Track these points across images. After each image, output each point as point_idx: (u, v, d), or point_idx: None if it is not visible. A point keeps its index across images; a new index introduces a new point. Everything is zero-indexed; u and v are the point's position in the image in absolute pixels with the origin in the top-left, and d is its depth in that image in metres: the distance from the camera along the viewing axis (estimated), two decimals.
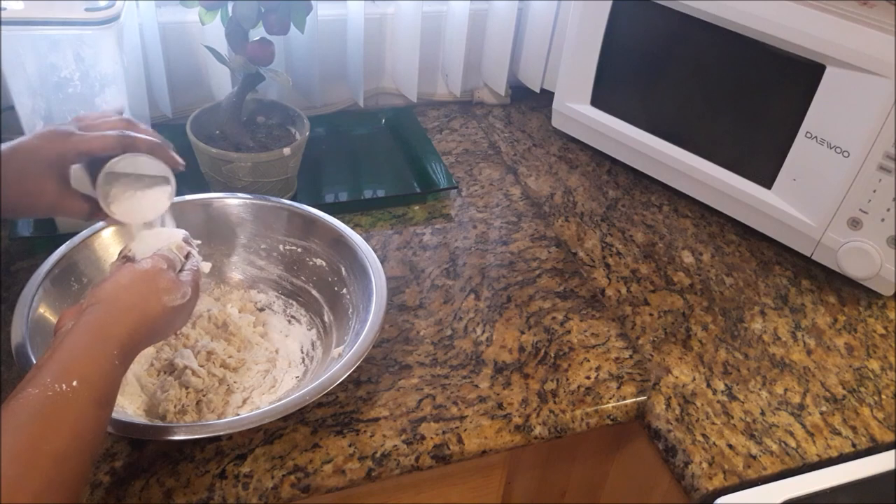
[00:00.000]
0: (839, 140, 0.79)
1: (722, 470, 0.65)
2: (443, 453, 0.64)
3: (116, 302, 0.51)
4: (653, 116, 0.95)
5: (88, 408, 0.45)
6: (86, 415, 0.45)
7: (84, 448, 0.44)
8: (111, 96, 0.72)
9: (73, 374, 0.45)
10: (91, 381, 0.46)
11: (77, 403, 0.45)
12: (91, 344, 0.48)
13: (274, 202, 0.76)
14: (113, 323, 0.50)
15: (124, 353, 0.49)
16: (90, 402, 0.45)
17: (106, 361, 0.48)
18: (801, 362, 0.77)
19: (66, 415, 0.44)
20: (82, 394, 0.45)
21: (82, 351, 0.47)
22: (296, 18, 0.78)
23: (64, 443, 0.43)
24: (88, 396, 0.45)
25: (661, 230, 0.94)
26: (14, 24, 0.66)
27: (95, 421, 0.46)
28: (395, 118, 1.08)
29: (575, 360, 0.74)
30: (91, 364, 0.47)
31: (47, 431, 0.43)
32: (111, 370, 0.48)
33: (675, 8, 0.86)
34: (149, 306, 0.52)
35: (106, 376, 0.47)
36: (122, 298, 0.51)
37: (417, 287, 0.80)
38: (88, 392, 0.45)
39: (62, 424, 0.43)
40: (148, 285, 0.53)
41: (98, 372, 0.47)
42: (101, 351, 0.48)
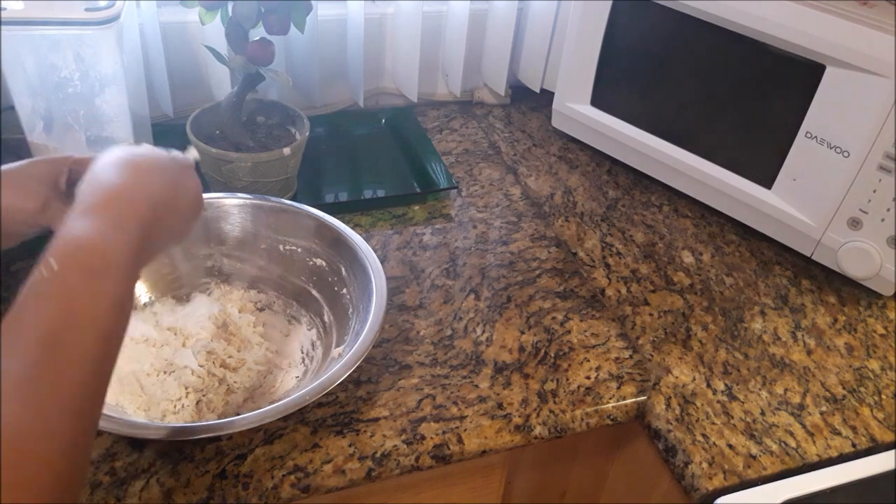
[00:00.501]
0: (839, 140, 0.79)
1: (722, 470, 0.65)
2: (443, 453, 0.64)
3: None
4: (653, 116, 0.95)
5: (74, 275, 0.41)
6: (74, 285, 0.41)
7: (79, 327, 0.40)
8: (111, 96, 0.72)
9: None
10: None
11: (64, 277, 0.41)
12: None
13: (274, 202, 0.76)
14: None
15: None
16: (79, 271, 0.41)
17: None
18: (801, 362, 0.77)
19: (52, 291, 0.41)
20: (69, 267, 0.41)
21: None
22: (296, 18, 0.78)
23: (55, 324, 0.39)
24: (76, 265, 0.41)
25: (661, 230, 0.94)
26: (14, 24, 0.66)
27: (87, 293, 0.41)
28: (395, 118, 1.08)
29: (575, 360, 0.74)
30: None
31: (38, 310, 0.40)
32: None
33: (675, 8, 0.86)
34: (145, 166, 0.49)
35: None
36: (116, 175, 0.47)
37: (417, 287, 0.80)
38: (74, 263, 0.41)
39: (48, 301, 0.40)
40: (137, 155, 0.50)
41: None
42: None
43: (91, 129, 0.73)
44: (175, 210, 0.51)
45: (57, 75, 0.69)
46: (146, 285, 0.73)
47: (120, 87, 0.72)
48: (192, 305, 0.73)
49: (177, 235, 0.53)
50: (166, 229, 0.50)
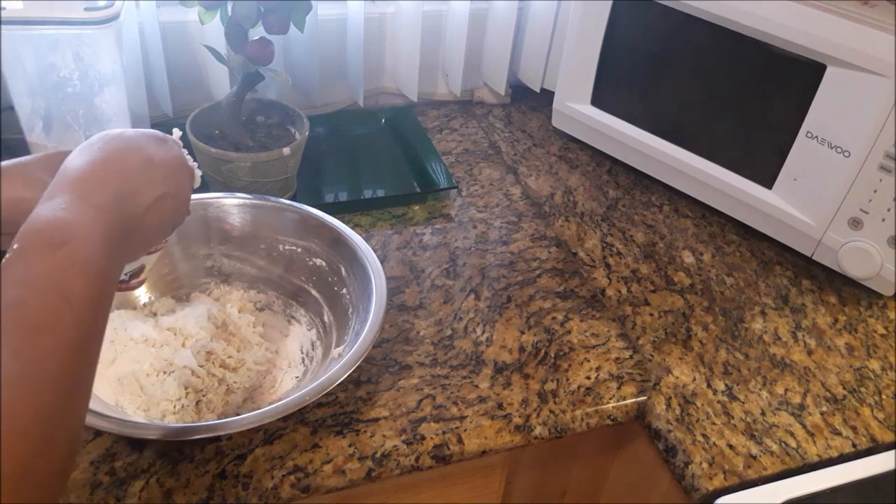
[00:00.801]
0: (840, 140, 0.79)
1: (722, 470, 0.65)
2: (443, 453, 0.64)
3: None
4: (653, 116, 0.95)
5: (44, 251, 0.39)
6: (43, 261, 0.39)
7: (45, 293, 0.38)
8: (111, 96, 0.72)
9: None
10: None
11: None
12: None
13: (274, 202, 0.76)
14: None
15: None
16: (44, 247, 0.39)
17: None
18: (801, 362, 0.77)
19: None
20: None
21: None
22: (296, 18, 0.78)
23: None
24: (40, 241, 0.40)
25: (662, 230, 0.94)
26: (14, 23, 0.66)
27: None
28: (395, 118, 1.08)
29: (575, 360, 0.74)
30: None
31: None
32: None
33: (675, 8, 0.86)
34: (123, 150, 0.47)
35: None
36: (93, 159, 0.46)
37: (417, 287, 0.80)
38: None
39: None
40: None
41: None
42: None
43: (90, 129, 0.73)
44: (152, 181, 0.48)
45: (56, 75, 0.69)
46: (146, 285, 0.72)
47: (119, 87, 0.72)
48: (191, 305, 0.73)
49: (168, 212, 0.50)
50: (149, 201, 0.48)
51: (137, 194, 0.47)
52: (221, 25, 0.78)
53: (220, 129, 0.84)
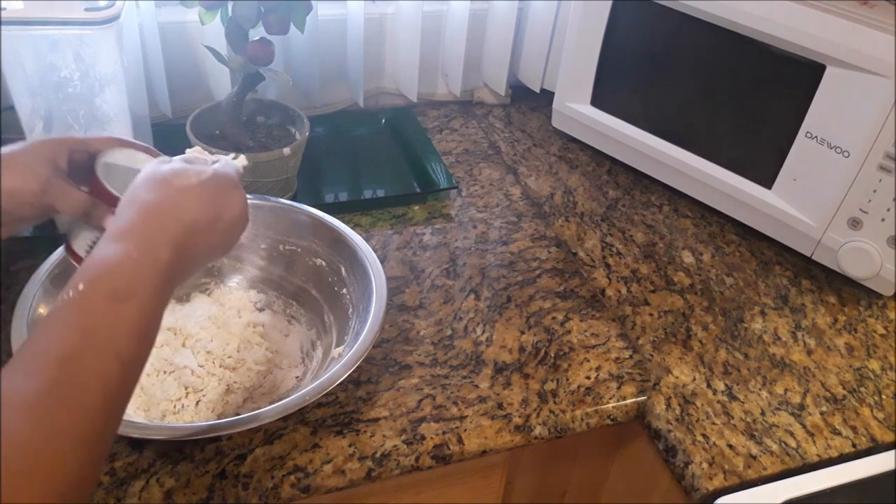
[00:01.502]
0: (839, 140, 0.79)
1: (722, 470, 0.65)
2: (443, 453, 0.64)
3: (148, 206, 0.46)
4: (653, 116, 0.95)
5: (101, 303, 0.41)
6: (102, 314, 0.41)
7: (101, 348, 0.39)
8: (111, 96, 0.72)
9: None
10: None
11: (92, 303, 0.40)
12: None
13: (274, 202, 0.76)
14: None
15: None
16: (106, 298, 0.41)
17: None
18: (801, 362, 0.77)
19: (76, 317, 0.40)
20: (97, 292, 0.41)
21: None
22: (296, 18, 0.78)
23: (75, 348, 0.39)
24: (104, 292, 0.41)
25: (662, 230, 0.94)
26: (14, 24, 0.66)
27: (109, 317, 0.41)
28: (395, 118, 1.08)
29: (575, 360, 0.74)
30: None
31: (58, 333, 0.39)
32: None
33: (675, 8, 0.86)
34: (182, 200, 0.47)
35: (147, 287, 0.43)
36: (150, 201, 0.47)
37: (417, 287, 0.80)
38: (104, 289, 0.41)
39: (71, 325, 0.40)
40: (171, 180, 0.48)
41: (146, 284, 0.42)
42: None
43: (91, 129, 0.73)
44: (214, 229, 0.49)
45: (57, 75, 0.69)
46: None
47: (120, 87, 0.72)
48: (191, 305, 0.73)
49: (218, 252, 0.52)
50: (204, 249, 0.49)
51: (198, 244, 0.48)
52: (221, 25, 0.78)
53: (220, 129, 0.84)
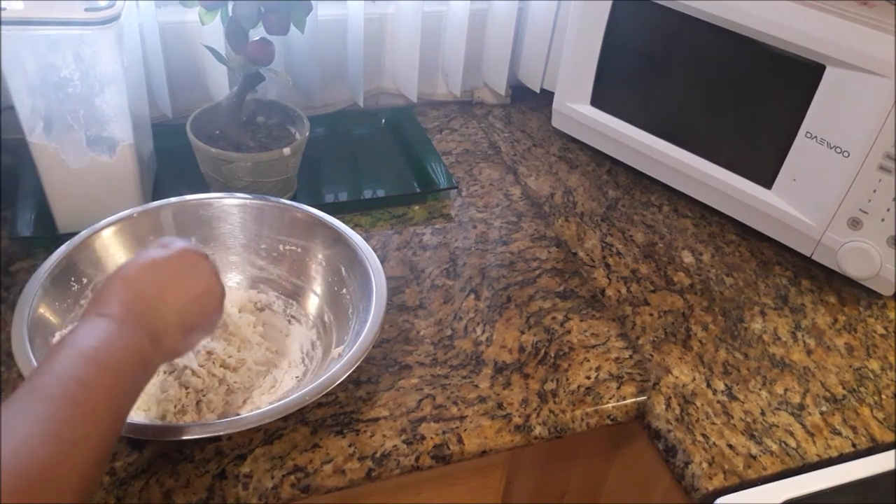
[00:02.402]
0: (839, 140, 0.79)
1: (722, 470, 0.65)
2: (443, 453, 0.64)
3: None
4: (653, 116, 0.95)
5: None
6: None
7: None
8: (111, 96, 0.72)
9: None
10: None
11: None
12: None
13: (274, 202, 0.76)
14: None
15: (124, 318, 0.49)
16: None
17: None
18: (801, 362, 0.77)
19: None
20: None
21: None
22: (296, 18, 0.78)
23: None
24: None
25: (661, 230, 0.94)
26: (14, 24, 0.66)
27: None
28: (395, 118, 1.08)
29: (575, 360, 0.74)
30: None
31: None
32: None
33: (675, 8, 0.86)
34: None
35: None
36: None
37: (417, 287, 0.80)
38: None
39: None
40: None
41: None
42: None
43: (91, 129, 0.73)
44: (186, 320, 0.54)
45: (57, 75, 0.69)
46: None
47: (120, 88, 0.72)
48: None
49: (196, 338, 0.57)
50: (180, 338, 0.54)
51: (171, 330, 0.53)
52: (221, 25, 0.78)
53: (220, 129, 0.84)
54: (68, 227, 0.77)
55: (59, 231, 0.79)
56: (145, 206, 0.74)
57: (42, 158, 0.74)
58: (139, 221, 0.72)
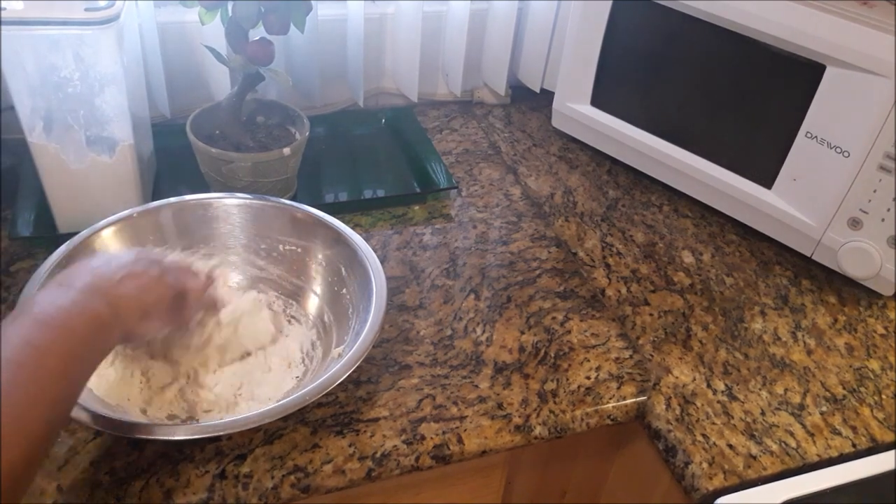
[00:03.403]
0: (839, 140, 0.79)
1: (722, 470, 0.65)
2: (443, 453, 0.64)
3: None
4: (653, 116, 0.95)
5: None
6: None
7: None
8: (111, 96, 0.72)
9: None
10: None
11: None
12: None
13: (274, 202, 0.76)
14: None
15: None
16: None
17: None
18: (801, 362, 0.77)
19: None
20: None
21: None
22: (296, 18, 0.78)
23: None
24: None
25: (662, 230, 0.94)
26: (14, 24, 0.66)
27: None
28: (395, 118, 1.08)
29: (575, 360, 0.74)
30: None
31: None
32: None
33: (675, 8, 0.86)
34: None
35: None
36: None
37: (417, 287, 0.80)
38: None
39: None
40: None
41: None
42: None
43: (91, 129, 0.73)
44: (157, 302, 0.57)
45: (57, 75, 0.69)
46: None
47: (120, 88, 0.72)
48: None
49: (156, 323, 0.59)
50: (146, 318, 0.57)
51: (129, 307, 0.55)
52: (222, 26, 0.78)
53: (220, 129, 0.84)
54: (68, 227, 0.77)
55: (59, 231, 0.79)
56: (145, 206, 0.74)
57: (42, 158, 0.74)
58: (139, 221, 0.72)
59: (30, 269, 0.68)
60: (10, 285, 0.74)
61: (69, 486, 0.57)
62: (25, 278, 0.64)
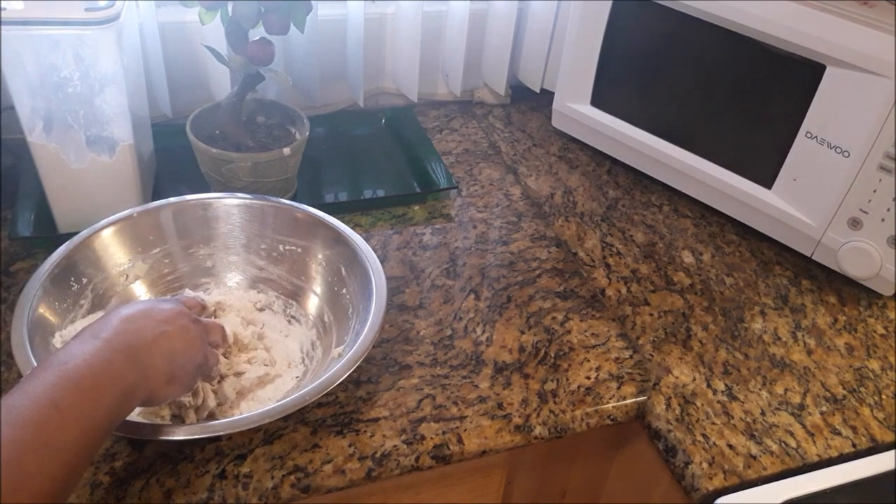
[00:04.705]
0: (839, 140, 0.79)
1: (722, 470, 0.65)
2: (443, 453, 0.64)
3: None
4: (653, 116, 0.95)
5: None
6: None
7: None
8: (111, 96, 0.72)
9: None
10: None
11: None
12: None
13: (274, 202, 0.76)
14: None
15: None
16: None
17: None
18: (801, 362, 0.77)
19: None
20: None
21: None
22: (296, 18, 0.78)
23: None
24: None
25: (662, 230, 0.94)
26: (14, 24, 0.66)
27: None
28: (395, 118, 1.08)
29: (575, 360, 0.74)
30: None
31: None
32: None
33: (675, 8, 0.86)
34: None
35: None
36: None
37: (417, 287, 0.80)
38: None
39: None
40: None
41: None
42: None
43: (91, 129, 0.73)
44: (185, 368, 0.56)
45: (57, 75, 0.69)
46: (145, 285, 0.73)
47: (120, 88, 0.72)
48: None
49: (180, 388, 0.57)
50: (172, 383, 0.56)
51: (157, 372, 0.54)
52: (221, 25, 0.78)
53: (220, 129, 0.84)
54: (68, 227, 0.77)
55: (59, 231, 0.79)
56: (145, 206, 0.74)
57: (42, 158, 0.74)
58: (139, 221, 0.72)
59: (30, 269, 0.68)
60: (10, 285, 0.74)
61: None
62: (25, 278, 0.64)
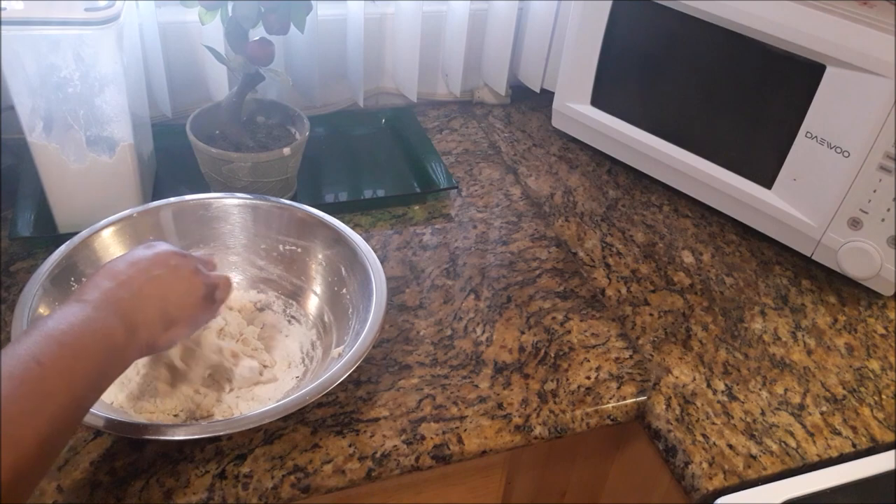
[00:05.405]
0: (839, 140, 0.79)
1: (722, 470, 0.65)
2: (443, 453, 0.64)
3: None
4: (653, 116, 0.95)
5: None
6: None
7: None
8: (111, 96, 0.72)
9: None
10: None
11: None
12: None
13: (274, 202, 0.76)
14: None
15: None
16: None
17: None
18: (801, 362, 0.77)
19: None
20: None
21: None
22: (296, 18, 0.78)
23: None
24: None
25: (662, 230, 0.94)
26: (14, 24, 0.66)
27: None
28: (395, 118, 1.08)
29: (575, 360, 0.74)
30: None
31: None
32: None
33: (675, 8, 0.86)
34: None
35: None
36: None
37: (417, 287, 0.80)
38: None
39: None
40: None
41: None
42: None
43: (91, 129, 0.73)
44: (183, 309, 0.57)
45: (57, 75, 0.69)
46: None
47: (120, 88, 0.72)
48: None
49: (183, 330, 0.58)
50: (172, 328, 0.56)
51: (150, 323, 0.54)
52: (221, 25, 0.78)
53: (220, 129, 0.84)
54: (68, 227, 0.77)
55: (59, 231, 0.79)
56: (145, 206, 0.74)
57: (42, 158, 0.74)
58: (139, 221, 0.72)
59: (30, 269, 0.68)
60: (10, 285, 0.74)
61: (69, 486, 0.57)
62: (25, 278, 0.64)
